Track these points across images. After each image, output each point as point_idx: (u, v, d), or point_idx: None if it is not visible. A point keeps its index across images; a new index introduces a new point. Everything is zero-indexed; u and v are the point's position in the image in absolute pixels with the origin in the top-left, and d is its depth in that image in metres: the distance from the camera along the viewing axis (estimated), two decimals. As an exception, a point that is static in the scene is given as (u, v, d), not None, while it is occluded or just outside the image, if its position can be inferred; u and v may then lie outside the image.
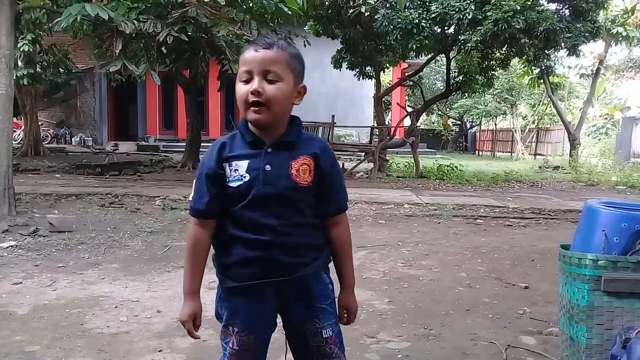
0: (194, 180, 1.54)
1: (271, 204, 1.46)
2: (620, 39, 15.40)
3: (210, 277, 4.15)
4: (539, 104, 24.30)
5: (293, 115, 1.54)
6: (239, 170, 1.46)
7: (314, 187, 1.50)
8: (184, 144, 13.54)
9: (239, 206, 1.47)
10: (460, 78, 13.00)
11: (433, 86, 26.28)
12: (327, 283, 1.58)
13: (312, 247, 1.53)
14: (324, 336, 1.54)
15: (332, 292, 1.59)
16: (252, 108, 1.44)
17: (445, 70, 13.84)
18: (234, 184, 1.46)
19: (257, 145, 1.48)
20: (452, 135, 30.59)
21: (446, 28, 11.57)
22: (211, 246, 1.56)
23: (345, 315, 1.63)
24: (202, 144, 13.73)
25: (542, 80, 15.84)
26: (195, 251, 1.52)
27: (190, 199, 1.54)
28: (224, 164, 1.47)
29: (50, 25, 10.41)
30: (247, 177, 1.45)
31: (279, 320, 1.60)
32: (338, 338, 1.57)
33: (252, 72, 1.44)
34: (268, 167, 1.46)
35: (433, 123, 34.71)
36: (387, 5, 10.75)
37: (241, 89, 1.46)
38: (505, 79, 21.67)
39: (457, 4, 10.25)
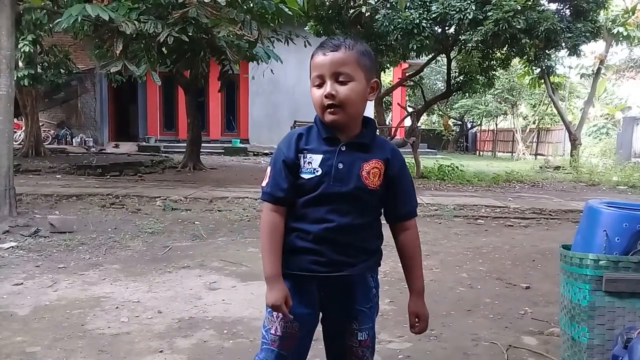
0: (268, 168, 1.55)
1: (338, 201, 1.48)
2: (621, 38, 15.40)
3: (212, 278, 4.14)
4: (539, 104, 24.30)
5: (367, 117, 1.56)
6: (312, 164, 1.49)
7: (382, 191, 1.52)
8: (185, 144, 13.54)
9: (305, 198, 1.49)
10: (461, 78, 12.99)
11: (434, 86, 26.28)
12: (371, 287, 1.58)
13: (365, 250, 1.54)
14: (359, 338, 1.56)
15: (375, 296, 1.60)
16: (328, 110, 1.46)
17: (445, 71, 13.83)
18: (306, 176, 1.49)
19: (332, 142, 1.50)
20: (452, 135, 30.58)
21: (447, 28, 11.56)
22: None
23: (417, 322, 1.61)
24: (202, 145, 13.74)
25: (542, 80, 15.84)
26: (273, 236, 1.51)
27: (264, 185, 1.54)
28: (299, 155, 1.50)
29: (51, 25, 10.42)
30: (320, 172, 1.48)
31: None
32: (372, 342, 1.60)
33: (324, 76, 1.46)
34: (340, 165, 1.48)
35: (434, 123, 34.71)
36: (388, 6, 10.75)
37: (315, 93, 1.48)
38: (506, 79, 21.66)
39: (458, 4, 10.25)
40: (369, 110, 19.42)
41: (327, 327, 1.61)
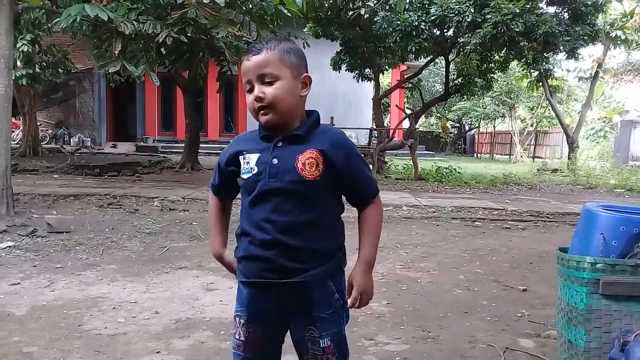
0: None
1: (278, 198, 1.47)
2: (619, 42, 15.41)
3: (209, 279, 4.14)
4: (537, 107, 24.34)
5: (311, 110, 1.56)
6: (250, 163, 1.51)
7: (325, 182, 1.48)
8: (183, 144, 13.53)
9: (248, 199, 1.51)
10: (459, 80, 13.01)
11: (432, 88, 26.30)
12: (331, 292, 1.52)
13: (318, 253, 1.49)
14: (321, 345, 1.51)
15: (337, 301, 1.53)
16: (261, 112, 1.49)
17: (444, 73, 13.85)
18: (245, 176, 1.52)
19: (269, 139, 1.52)
20: (450, 137, 30.60)
21: (445, 30, 11.59)
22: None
23: (355, 294, 1.52)
24: (200, 145, 13.73)
25: (540, 83, 15.85)
26: (214, 213, 1.68)
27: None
28: (239, 157, 1.54)
29: (49, 25, 10.40)
30: (256, 170, 1.50)
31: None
32: (337, 349, 1.53)
33: (251, 80, 1.49)
34: (275, 161, 1.48)
35: (432, 125, 34.77)
36: (387, 8, 10.77)
37: (248, 99, 1.52)
38: (504, 81, 21.70)
39: (457, 6, 10.26)
40: (368, 112, 19.47)
41: (292, 334, 1.58)
